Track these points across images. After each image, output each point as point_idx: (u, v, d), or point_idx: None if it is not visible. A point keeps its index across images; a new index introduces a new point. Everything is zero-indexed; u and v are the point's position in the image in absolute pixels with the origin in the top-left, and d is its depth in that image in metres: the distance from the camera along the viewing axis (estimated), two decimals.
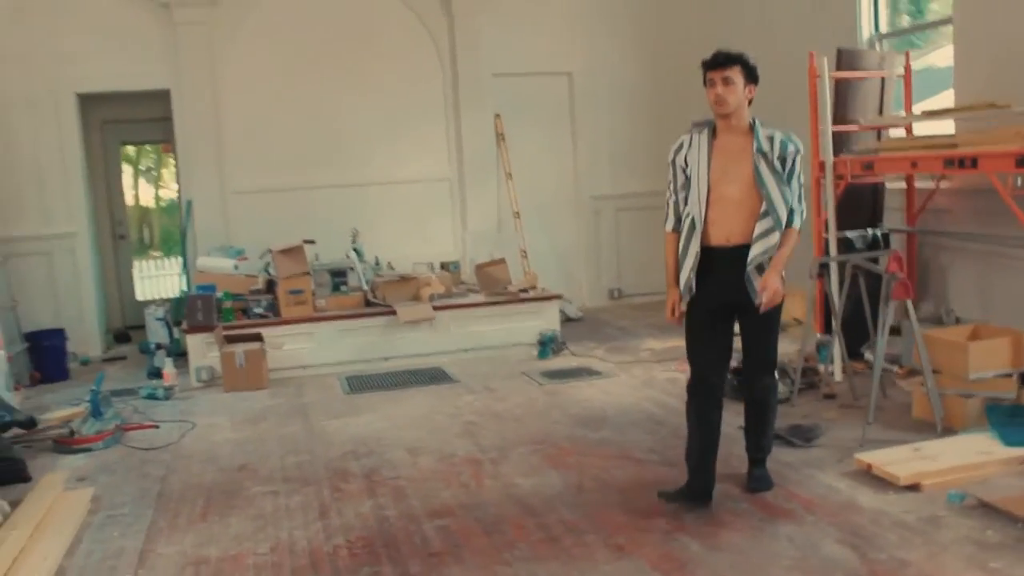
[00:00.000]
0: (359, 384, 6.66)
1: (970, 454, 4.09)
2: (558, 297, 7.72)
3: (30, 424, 5.53)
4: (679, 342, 7.11)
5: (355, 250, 7.98)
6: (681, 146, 3.91)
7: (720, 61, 3.79)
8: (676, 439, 4.69)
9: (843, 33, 7.24)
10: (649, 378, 6.23)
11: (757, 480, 4.03)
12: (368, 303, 7.37)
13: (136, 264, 10.91)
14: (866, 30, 7.30)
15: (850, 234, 6.33)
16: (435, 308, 7.29)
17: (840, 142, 6.34)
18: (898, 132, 6.69)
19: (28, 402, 6.49)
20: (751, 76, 3.80)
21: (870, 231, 6.38)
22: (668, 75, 9.16)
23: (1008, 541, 3.33)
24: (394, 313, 7.18)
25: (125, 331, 9.11)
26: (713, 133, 3.87)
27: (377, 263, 8.27)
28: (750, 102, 3.84)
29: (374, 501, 4.19)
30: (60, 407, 6.13)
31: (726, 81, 3.76)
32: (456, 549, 3.59)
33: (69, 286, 8.11)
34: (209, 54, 8.21)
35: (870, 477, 4.01)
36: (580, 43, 9.16)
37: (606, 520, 3.78)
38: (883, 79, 6.65)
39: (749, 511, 3.79)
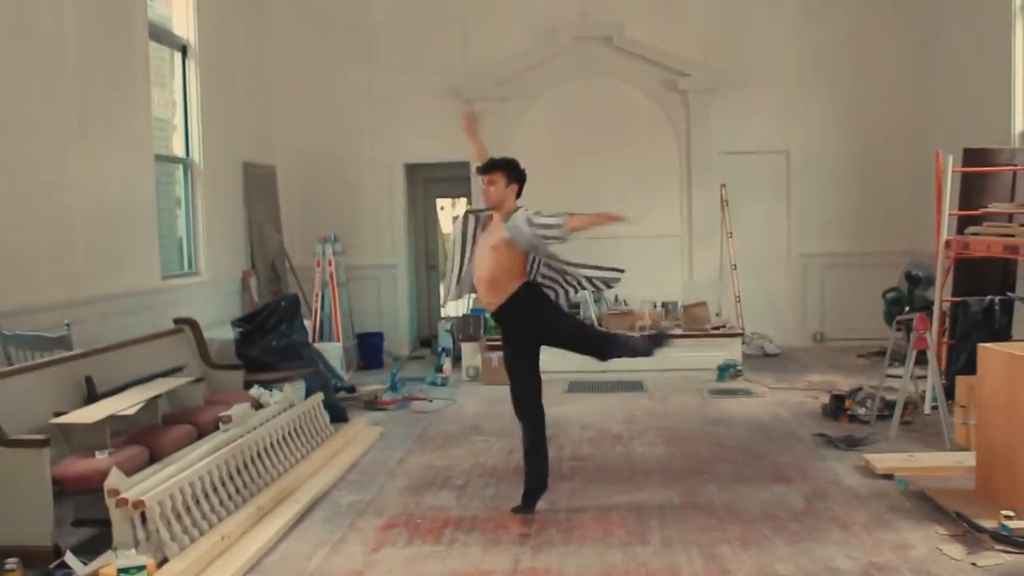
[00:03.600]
0: (577, 386, 9.04)
1: (945, 462, 5.72)
2: (740, 335, 9.69)
3: (351, 390, 8.54)
4: (834, 377, 8.91)
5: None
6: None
7: (486, 168, 5.17)
8: (763, 439, 6.71)
9: (999, 128, 8.67)
10: (785, 400, 8.08)
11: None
12: None
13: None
14: (1020, 125, 8.62)
15: (970, 299, 7.79)
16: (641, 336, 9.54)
17: (977, 223, 7.77)
18: None
19: (354, 378, 9.54)
20: (512, 177, 5.15)
21: (988, 298, 7.77)
22: (874, 150, 10.91)
23: (913, 510, 5.04)
24: None
25: (429, 338, 12.15)
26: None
27: (616, 299, 10.64)
28: (518, 195, 5.21)
29: None
30: (372, 383, 9.10)
31: (490, 182, 5.12)
32: (572, 474, 5.90)
33: (389, 302, 11.29)
34: (498, 136, 10.95)
35: (867, 469, 5.78)
36: (797, 126, 11.00)
37: (671, 471, 5.91)
38: (1014, 173, 8.04)
39: (766, 477, 5.74)
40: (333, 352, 9.27)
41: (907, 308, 9.34)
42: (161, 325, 7.54)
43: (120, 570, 4.06)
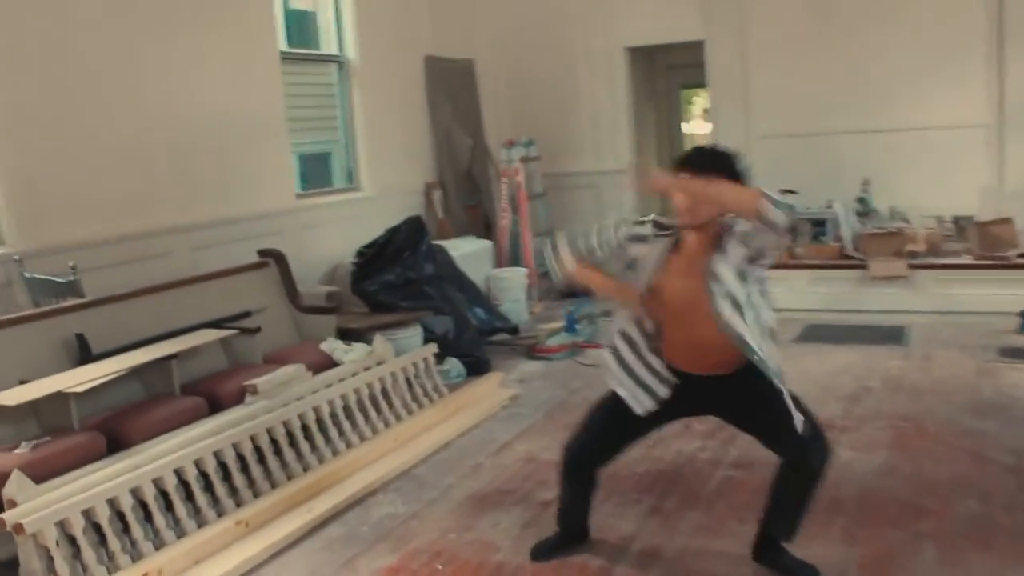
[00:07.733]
0: (813, 333, 6.81)
1: None
2: None
3: (513, 331, 6.92)
4: None
5: (861, 199, 8.00)
6: None
7: (699, 162, 3.10)
8: None
9: None
10: None
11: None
12: (844, 255, 7.39)
13: None
14: None
15: None
16: (912, 266, 7.06)
17: None
18: None
19: (543, 313, 7.87)
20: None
21: None
22: None
23: None
24: (867, 267, 7.14)
25: None
26: None
27: (892, 214, 8.09)
28: None
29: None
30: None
31: None
32: (716, 497, 3.96)
33: (610, 215, 9.45)
34: (738, 9, 8.68)
35: None
36: None
37: (874, 508, 3.78)
38: None
39: None
40: (514, 280, 7.69)
41: None
42: (294, 251, 6.36)
43: None
